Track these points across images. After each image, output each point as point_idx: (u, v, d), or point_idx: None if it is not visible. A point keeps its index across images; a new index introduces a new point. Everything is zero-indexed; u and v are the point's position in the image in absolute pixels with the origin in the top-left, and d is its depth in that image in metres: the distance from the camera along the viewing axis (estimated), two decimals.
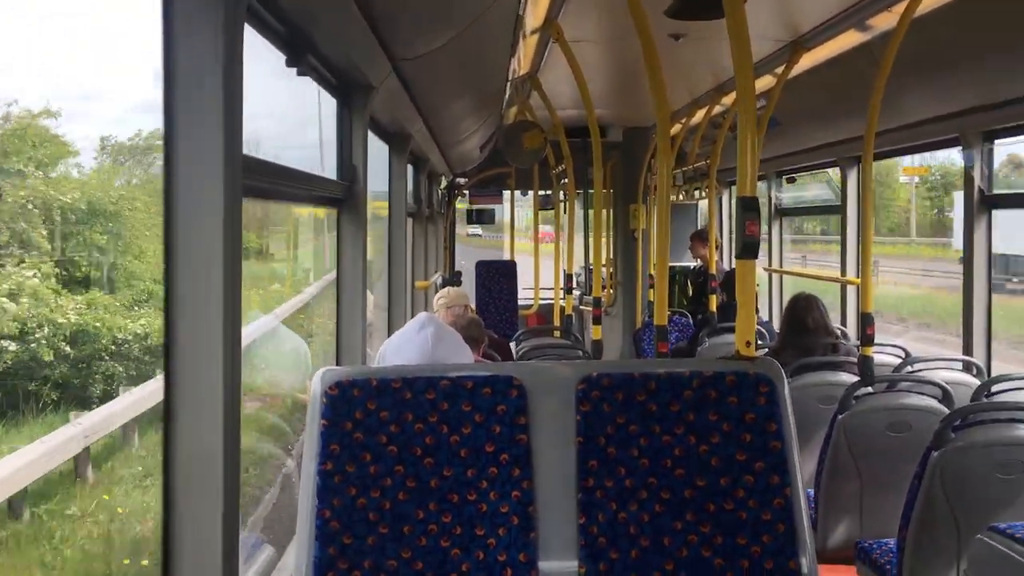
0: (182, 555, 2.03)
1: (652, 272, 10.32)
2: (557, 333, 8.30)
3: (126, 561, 8.45)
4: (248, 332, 5.32)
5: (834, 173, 7.73)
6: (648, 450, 2.47)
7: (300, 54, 3.15)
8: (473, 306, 11.36)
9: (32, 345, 11.21)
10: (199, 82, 2.05)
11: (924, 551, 3.72)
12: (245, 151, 2.21)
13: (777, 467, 2.45)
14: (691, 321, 8.62)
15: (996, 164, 5.53)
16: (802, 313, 5.52)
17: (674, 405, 2.48)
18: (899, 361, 5.60)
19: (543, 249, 12.15)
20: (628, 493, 2.45)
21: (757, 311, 6.46)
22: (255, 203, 5.82)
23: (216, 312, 2.04)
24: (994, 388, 4.65)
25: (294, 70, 3.19)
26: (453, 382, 2.48)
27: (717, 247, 8.63)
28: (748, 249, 2.78)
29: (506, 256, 13.81)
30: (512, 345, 7.25)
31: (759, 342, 6.12)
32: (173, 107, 2.06)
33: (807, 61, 5.95)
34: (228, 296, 2.06)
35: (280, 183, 2.95)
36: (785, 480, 2.45)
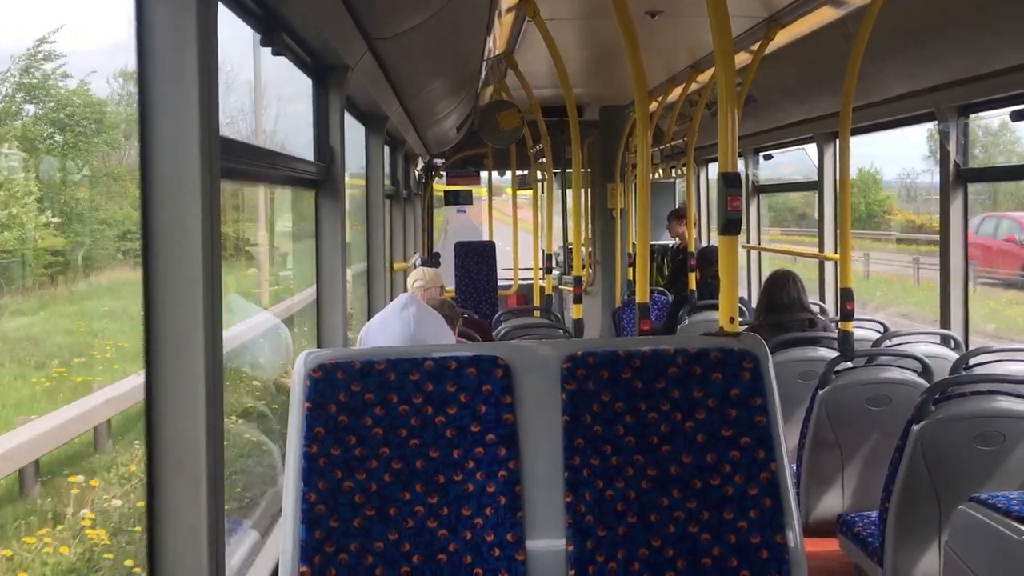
0: (167, 541, 2.01)
1: (631, 251, 10.37)
2: (537, 313, 8.30)
3: None
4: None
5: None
6: (634, 427, 2.46)
7: (274, 33, 3.11)
8: (452, 287, 11.36)
9: None
10: (174, 63, 2.02)
11: (906, 523, 3.75)
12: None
13: (763, 442, 2.45)
14: (669, 299, 8.64)
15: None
16: (778, 289, 5.55)
17: (659, 382, 2.48)
18: (878, 336, 5.64)
19: (521, 227, 12.12)
20: (615, 471, 2.45)
21: None
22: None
23: (196, 295, 2.01)
24: (972, 361, 4.68)
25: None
26: (437, 363, 2.47)
27: (695, 225, 8.65)
28: (731, 225, 2.78)
29: (485, 231, 13.79)
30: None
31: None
32: (148, 89, 2.02)
33: (783, 37, 5.95)
34: (208, 279, 2.04)
35: (258, 164, 2.92)
36: (771, 455, 2.45)
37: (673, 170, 9.16)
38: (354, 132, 5.44)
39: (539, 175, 11.33)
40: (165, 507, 2.01)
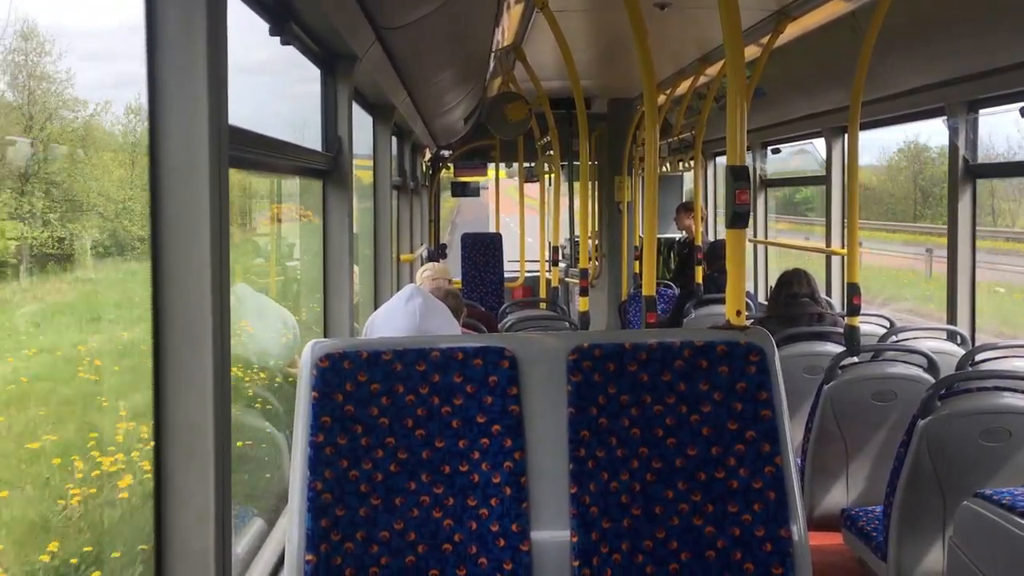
0: (175, 528, 2.02)
1: (637, 244, 10.35)
2: (543, 305, 8.30)
3: None
4: None
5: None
6: (639, 420, 2.47)
7: (283, 22, 3.11)
8: (459, 279, 11.36)
9: None
10: (183, 51, 2.02)
11: (910, 518, 3.76)
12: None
13: (768, 436, 2.46)
14: (676, 293, 8.63)
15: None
16: (788, 284, 5.56)
17: (665, 375, 2.48)
18: (884, 331, 5.63)
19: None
20: (620, 463, 2.45)
21: None
22: None
23: (204, 284, 2.02)
24: (978, 357, 4.68)
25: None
26: (443, 353, 2.47)
27: (703, 219, 8.63)
28: (738, 218, 2.77)
29: (492, 223, 13.77)
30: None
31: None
32: (157, 77, 2.02)
33: (793, 30, 5.93)
34: (215, 267, 2.04)
35: (265, 154, 2.92)
36: (776, 449, 2.45)
37: (681, 163, 9.14)
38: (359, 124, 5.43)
39: (546, 167, 11.31)
40: (173, 494, 2.02)
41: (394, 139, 6.64)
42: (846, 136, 6.57)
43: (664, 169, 9.53)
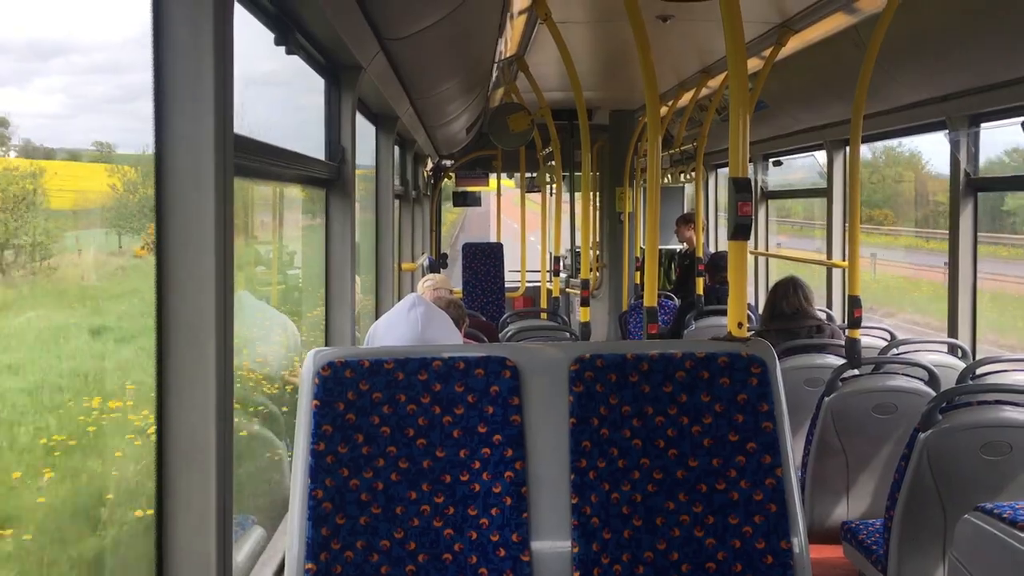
0: (176, 534, 2.02)
1: (638, 255, 10.37)
2: (544, 315, 8.30)
3: None
4: None
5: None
6: (641, 431, 2.47)
7: (288, 33, 3.12)
8: (460, 289, 11.36)
9: None
10: (190, 61, 2.03)
11: (911, 531, 3.75)
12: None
13: (769, 448, 2.46)
14: (676, 304, 8.63)
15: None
16: (784, 296, 5.54)
17: (667, 386, 2.49)
18: (885, 343, 5.63)
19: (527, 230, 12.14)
20: (621, 473, 2.46)
21: None
22: None
23: (208, 291, 2.02)
24: (979, 370, 4.68)
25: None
26: (445, 363, 2.48)
27: (703, 230, 8.64)
28: (741, 230, 2.78)
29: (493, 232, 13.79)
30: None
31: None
32: (164, 86, 2.04)
33: (795, 43, 5.95)
34: (220, 276, 2.05)
35: (270, 163, 2.93)
36: (776, 461, 2.46)
37: (682, 175, 9.16)
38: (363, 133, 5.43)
39: (548, 178, 11.34)
40: (174, 500, 2.02)
41: (396, 148, 6.65)
42: (847, 149, 6.58)
43: (665, 181, 9.54)
